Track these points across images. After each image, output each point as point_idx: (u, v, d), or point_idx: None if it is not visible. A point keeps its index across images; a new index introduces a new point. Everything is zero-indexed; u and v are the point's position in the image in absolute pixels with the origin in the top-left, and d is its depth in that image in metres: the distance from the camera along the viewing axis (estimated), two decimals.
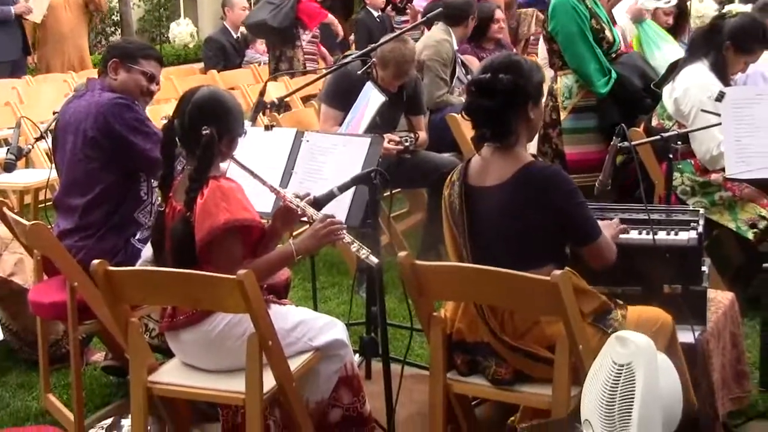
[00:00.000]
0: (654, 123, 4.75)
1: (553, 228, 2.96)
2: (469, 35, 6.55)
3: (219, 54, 9.43)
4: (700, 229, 3.41)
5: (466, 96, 3.14)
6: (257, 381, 2.91)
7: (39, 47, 9.70)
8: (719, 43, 4.60)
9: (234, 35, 9.60)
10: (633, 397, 2.37)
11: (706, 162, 4.54)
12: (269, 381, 2.97)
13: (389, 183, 3.55)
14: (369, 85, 4.59)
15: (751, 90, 4.54)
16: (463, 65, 6.40)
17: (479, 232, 3.03)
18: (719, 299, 3.57)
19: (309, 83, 5.34)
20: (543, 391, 2.91)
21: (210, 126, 3.05)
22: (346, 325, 3.36)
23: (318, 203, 3.36)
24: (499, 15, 7.05)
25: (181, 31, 13.12)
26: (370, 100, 4.49)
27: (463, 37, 6.47)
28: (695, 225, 3.45)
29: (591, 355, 2.67)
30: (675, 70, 4.74)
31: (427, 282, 2.96)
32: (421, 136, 5.36)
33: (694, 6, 7.04)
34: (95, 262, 2.98)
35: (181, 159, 3.31)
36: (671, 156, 4.08)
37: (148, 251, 3.53)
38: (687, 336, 3.20)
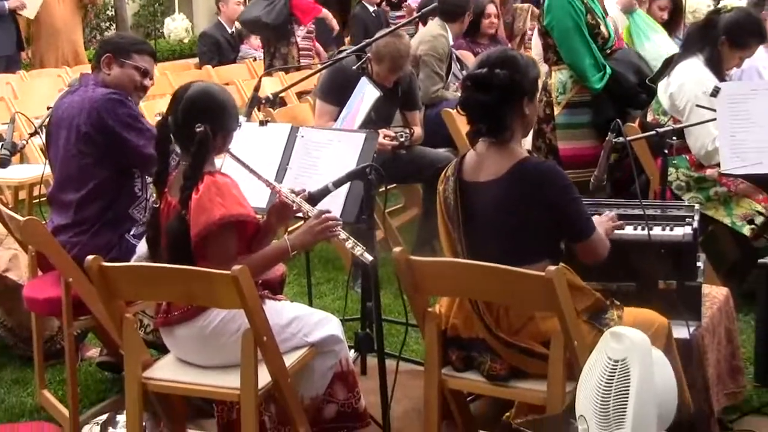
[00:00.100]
0: (649, 118, 4.75)
1: (548, 223, 2.96)
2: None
3: (214, 49, 9.40)
4: (695, 225, 3.41)
5: (461, 91, 3.12)
6: (252, 377, 2.90)
7: (33, 42, 9.68)
8: (714, 38, 4.59)
9: (229, 30, 9.58)
10: (628, 393, 2.36)
11: (701, 157, 4.54)
12: (264, 377, 2.96)
13: (384, 178, 3.53)
14: (364, 81, 4.57)
15: (747, 85, 4.55)
16: (458, 60, 6.39)
17: (474, 227, 3.02)
18: (714, 295, 3.57)
19: (304, 78, 5.32)
20: (538, 387, 2.91)
21: (204, 122, 3.04)
22: (341, 321, 3.36)
23: (313, 199, 3.36)
24: (491, 10, 7.05)
25: (176, 27, 13.07)
26: (365, 95, 4.47)
27: (459, 33, 6.48)
28: (690, 220, 3.45)
29: (586, 351, 2.67)
30: (670, 65, 4.74)
31: (422, 277, 2.96)
32: (417, 131, 5.36)
33: (688, 1, 7.04)
34: (90, 257, 2.98)
35: (174, 156, 3.30)
36: (666, 151, 4.09)
37: (142, 247, 3.53)
38: (682, 331, 3.20)
